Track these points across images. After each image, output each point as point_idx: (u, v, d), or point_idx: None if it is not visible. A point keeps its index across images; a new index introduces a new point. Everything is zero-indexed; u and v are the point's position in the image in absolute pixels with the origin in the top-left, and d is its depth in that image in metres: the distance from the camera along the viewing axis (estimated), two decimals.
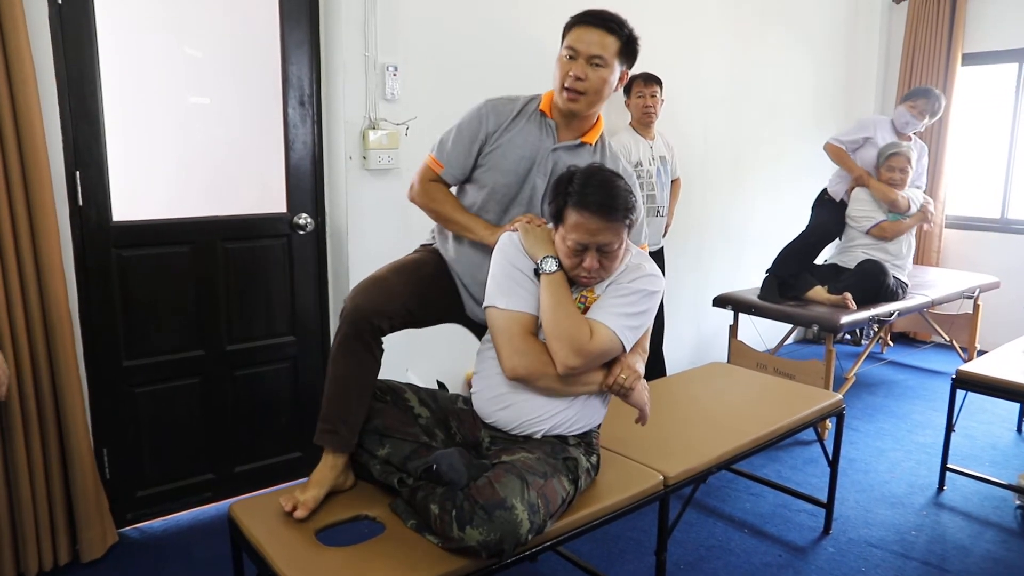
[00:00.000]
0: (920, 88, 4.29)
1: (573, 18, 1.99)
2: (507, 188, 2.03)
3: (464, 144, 2.04)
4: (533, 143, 2.03)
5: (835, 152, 4.30)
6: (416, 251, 2.22)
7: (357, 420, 1.90)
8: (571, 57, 1.95)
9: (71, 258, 2.50)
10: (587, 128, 2.08)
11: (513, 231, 1.93)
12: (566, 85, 1.95)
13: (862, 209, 4.17)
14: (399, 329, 1.98)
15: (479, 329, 2.18)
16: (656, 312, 1.94)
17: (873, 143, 4.21)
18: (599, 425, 2.02)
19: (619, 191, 1.77)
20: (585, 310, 1.86)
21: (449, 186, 2.12)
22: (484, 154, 2.04)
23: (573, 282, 1.86)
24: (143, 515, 2.81)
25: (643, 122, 3.77)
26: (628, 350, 1.86)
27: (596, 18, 1.95)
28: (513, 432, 1.89)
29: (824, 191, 4.41)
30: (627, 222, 1.78)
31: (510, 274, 1.86)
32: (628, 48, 1.99)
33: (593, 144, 2.09)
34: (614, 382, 1.85)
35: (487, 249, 2.00)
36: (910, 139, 4.29)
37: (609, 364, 1.88)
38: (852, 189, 4.24)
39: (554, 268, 1.82)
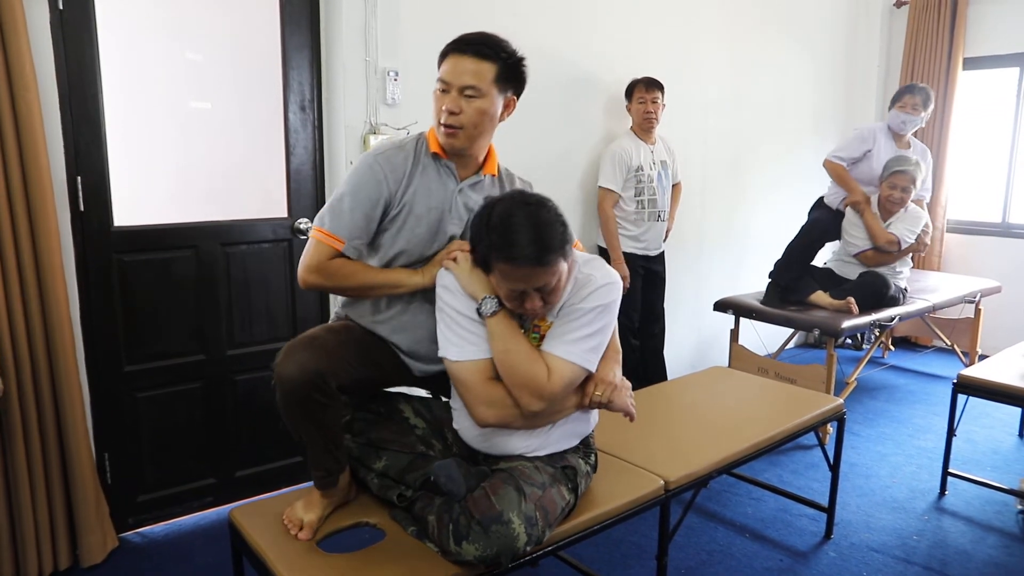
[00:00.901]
0: (901, 88, 4.21)
1: (446, 46, 1.81)
2: (421, 246, 1.85)
3: (364, 210, 1.78)
4: (437, 191, 1.85)
5: (835, 171, 4.21)
6: (335, 322, 1.99)
7: (343, 446, 1.84)
8: (444, 91, 1.78)
9: (72, 263, 2.50)
10: (483, 160, 1.92)
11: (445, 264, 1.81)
12: (441, 121, 1.78)
13: (853, 234, 4.11)
14: (344, 391, 1.79)
15: (436, 385, 2.02)
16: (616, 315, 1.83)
17: (872, 156, 4.15)
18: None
19: (545, 228, 1.61)
20: (541, 338, 1.77)
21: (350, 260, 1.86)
22: (389, 217, 1.82)
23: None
24: (144, 520, 2.81)
25: (644, 127, 3.77)
26: (595, 369, 1.78)
27: (467, 45, 1.78)
28: (504, 456, 1.85)
29: (821, 198, 4.40)
30: (562, 257, 1.64)
31: (455, 320, 1.75)
32: (510, 72, 1.81)
33: (497, 175, 1.96)
34: (590, 402, 1.79)
35: (424, 307, 1.88)
36: (909, 145, 4.25)
37: (583, 382, 1.80)
38: (849, 204, 4.19)
39: (495, 309, 1.71)
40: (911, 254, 4.15)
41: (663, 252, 3.97)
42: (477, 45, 1.78)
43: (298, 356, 1.70)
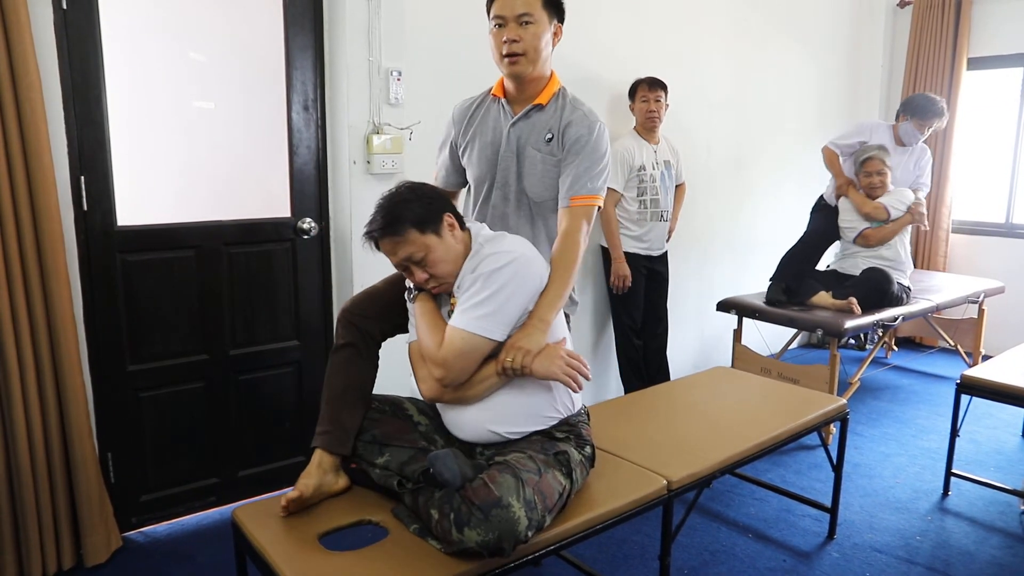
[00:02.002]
0: (932, 107, 4.12)
1: None
2: (481, 178, 2.14)
3: (446, 148, 2.26)
4: (494, 128, 2.13)
5: (828, 156, 4.29)
6: None
7: (351, 424, 1.91)
8: (500, 26, 2.00)
9: (76, 263, 2.51)
10: (538, 91, 2.10)
11: None
12: (504, 52, 1.99)
13: (847, 219, 4.17)
14: (392, 334, 2.06)
15: None
16: (530, 281, 1.82)
17: None
18: (584, 413, 1.99)
19: (398, 203, 1.79)
20: None
21: (452, 192, 2.31)
22: (461, 151, 2.21)
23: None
24: (147, 519, 2.82)
25: (647, 127, 3.77)
26: (502, 337, 1.79)
27: None
28: (477, 441, 1.89)
29: (821, 196, 4.42)
30: (417, 229, 1.76)
31: (410, 311, 1.95)
32: (552, 0, 2.02)
33: (547, 103, 2.10)
34: (503, 369, 1.79)
35: None
36: (904, 143, 4.26)
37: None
38: (840, 196, 4.23)
39: (415, 294, 1.90)
40: (913, 228, 4.15)
41: (666, 252, 3.96)
42: None
43: (352, 302, 2.03)
